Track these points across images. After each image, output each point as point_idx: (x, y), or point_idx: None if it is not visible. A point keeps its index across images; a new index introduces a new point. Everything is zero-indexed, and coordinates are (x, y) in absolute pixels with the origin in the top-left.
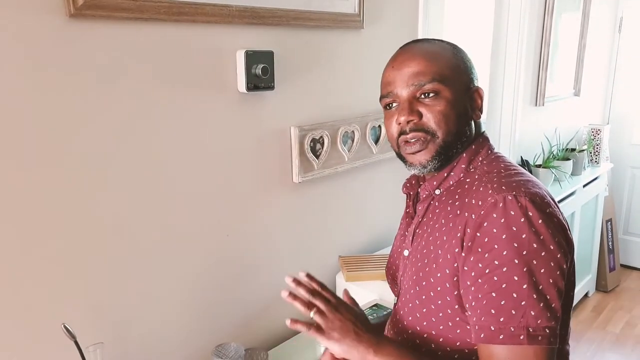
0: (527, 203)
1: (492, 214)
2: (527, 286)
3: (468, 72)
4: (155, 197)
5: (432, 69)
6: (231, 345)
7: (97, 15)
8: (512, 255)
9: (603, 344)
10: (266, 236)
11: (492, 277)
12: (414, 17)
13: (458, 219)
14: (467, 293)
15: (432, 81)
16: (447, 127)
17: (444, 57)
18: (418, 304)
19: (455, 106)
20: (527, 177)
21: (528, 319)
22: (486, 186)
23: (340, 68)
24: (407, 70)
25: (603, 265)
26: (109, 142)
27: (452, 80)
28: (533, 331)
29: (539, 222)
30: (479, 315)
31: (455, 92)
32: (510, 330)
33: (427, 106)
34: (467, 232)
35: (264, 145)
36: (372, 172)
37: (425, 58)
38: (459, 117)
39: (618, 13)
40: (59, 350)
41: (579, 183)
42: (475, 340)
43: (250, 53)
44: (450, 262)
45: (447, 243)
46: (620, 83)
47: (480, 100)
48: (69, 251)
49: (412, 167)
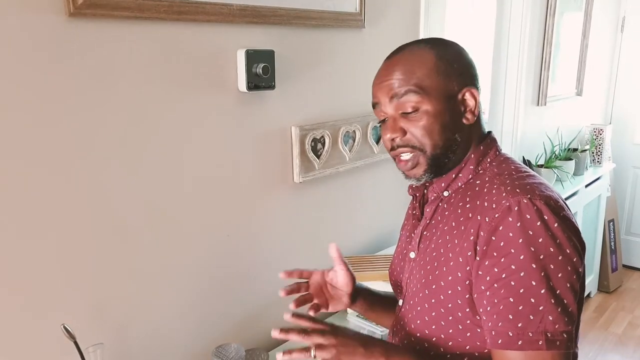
0: (543, 206)
1: (508, 218)
2: (544, 291)
3: (456, 75)
4: (155, 197)
5: (409, 80)
6: (231, 346)
7: (97, 14)
8: (529, 260)
9: (605, 345)
10: (267, 236)
11: (509, 281)
12: (415, 17)
13: (470, 222)
14: (482, 297)
15: (408, 92)
16: (432, 141)
17: (424, 65)
18: (427, 308)
19: (439, 118)
20: (539, 179)
21: (546, 324)
22: (499, 189)
23: (341, 67)
24: (386, 86)
25: (605, 266)
26: (108, 141)
27: (433, 90)
28: (551, 336)
29: (554, 225)
30: (496, 321)
31: (437, 103)
32: (528, 336)
33: (410, 121)
34: (480, 235)
35: (265, 145)
36: (373, 172)
37: (403, 70)
38: (444, 127)
39: (620, 13)
40: (58, 351)
41: (581, 183)
42: (492, 346)
43: (250, 52)
44: (462, 265)
45: (459, 246)
46: (623, 83)
47: (473, 100)
48: (69, 251)
49: (408, 179)
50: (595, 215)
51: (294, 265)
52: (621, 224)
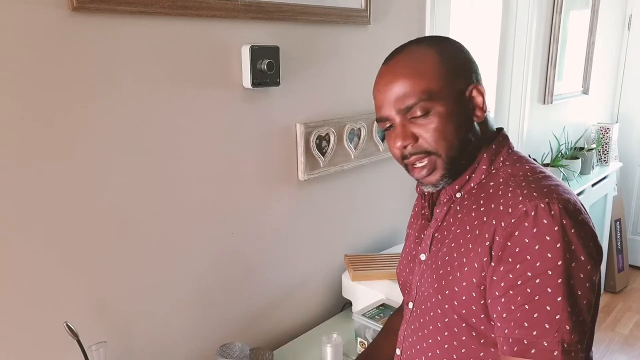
0: (560, 211)
1: (524, 223)
2: (561, 298)
3: (461, 72)
4: (159, 194)
5: (417, 88)
6: (236, 345)
7: (100, 8)
8: (545, 267)
9: (612, 345)
10: (271, 234)
11: (525, 288)
12: (421, 13)
13: (485, 226)
14: (496, 304)
15: (419, 102)
16: (447, 143)
17: (429, 67)
18: (440, 313)
19: (452, 118)
20: (555, 181)
21: (563, 334)
22: (515, 192)
23: (346, 64)
24: (392, 94)
25: (612, 266)
26: (112, 138)
27: (442, 92)
28: (567, 347)
29: (571, 231)
30: (512, 328)
31: (448, 104)
32: (543, 345)
33: (421, 126)
34: (496, 240)
35: (269, 142)
36: (379, 170)
37: (408, 76)
38: (459, 127)
39: (627, 10)
40: (61, 349)
41: (588, 182)
42: (507, 353)
43: (255, 48)
44: (477, 271)
45: (473, 251)
46: (629, 81)
47: (480, 97)
48: (72, 249)
49: (424, 186)
50: (602, 214)
51: (299, 264)
52: (628, 223)
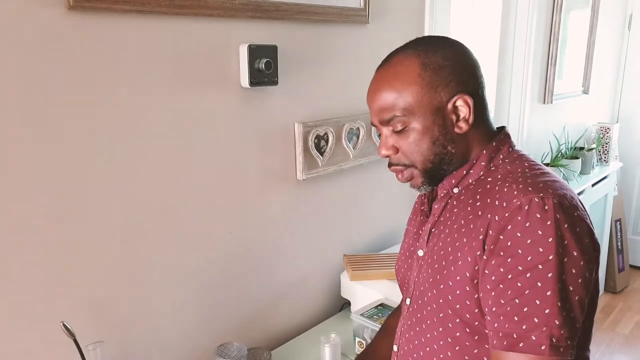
0: (555, 206)
1: (517, 217)
2: (551, 293)
3: (443, 84)
4: (156, 194)
5: (395, 103)
6: (234, 345)
7: (97, 7)
8: (536, 261)
9: (612, 345)
10: (270, 234)
11: (516, 282)
12: (420, 13)
13: (480, 220)
14: (487, 297)
15: (396, 117)
16: (422, 157)
17: (407, 82)
18: (435, 308)
19: (428, 133)
20: (553, 177)
21: (552, 329)
22: (511, 187)
23: (345, 63)
24: (376, 105)
25: (612, 266)
26: (109, 136)
27: (419, 108)
28: (556, 342)
29: (565, 226)
30: (502, 322)
31: (425, 119)
32: (531, 339)
33: (401, 138)
34: (489, 234)
35: (268, 142)
36: (377, 170)
37: (389, 90)
38: (434, 142)
39: (627, 10)
40: (57, 349)
41: (588, 182)
42: (496, 347)
43: (253, 47)
44: (470, 264)
45: (467, 245)
46: (630, 81)
47: (466, 108)
48: (69, 248)
49: (413, 188)
50: (602, 214)
51: (297, 264)
52: (628, 223)
